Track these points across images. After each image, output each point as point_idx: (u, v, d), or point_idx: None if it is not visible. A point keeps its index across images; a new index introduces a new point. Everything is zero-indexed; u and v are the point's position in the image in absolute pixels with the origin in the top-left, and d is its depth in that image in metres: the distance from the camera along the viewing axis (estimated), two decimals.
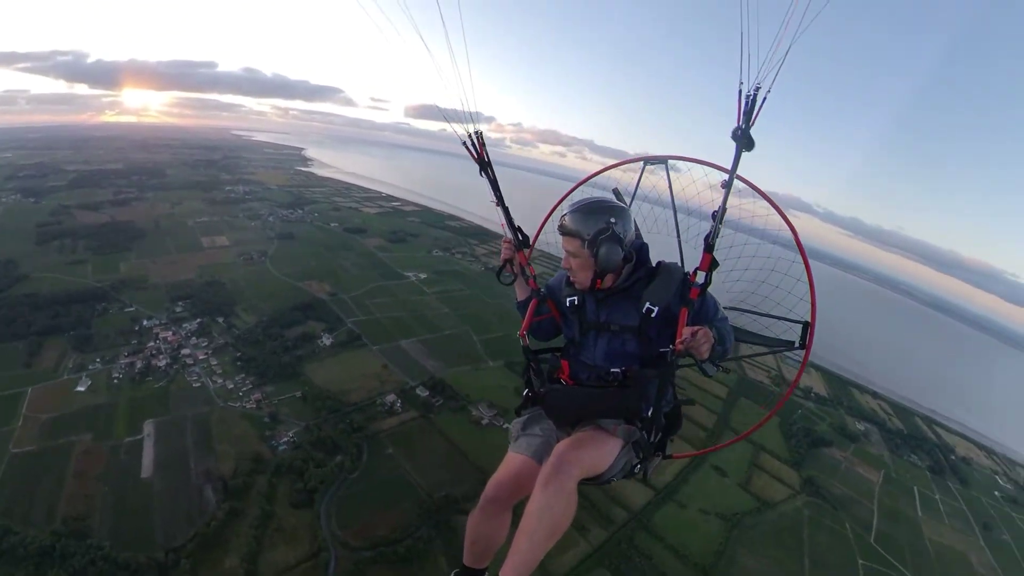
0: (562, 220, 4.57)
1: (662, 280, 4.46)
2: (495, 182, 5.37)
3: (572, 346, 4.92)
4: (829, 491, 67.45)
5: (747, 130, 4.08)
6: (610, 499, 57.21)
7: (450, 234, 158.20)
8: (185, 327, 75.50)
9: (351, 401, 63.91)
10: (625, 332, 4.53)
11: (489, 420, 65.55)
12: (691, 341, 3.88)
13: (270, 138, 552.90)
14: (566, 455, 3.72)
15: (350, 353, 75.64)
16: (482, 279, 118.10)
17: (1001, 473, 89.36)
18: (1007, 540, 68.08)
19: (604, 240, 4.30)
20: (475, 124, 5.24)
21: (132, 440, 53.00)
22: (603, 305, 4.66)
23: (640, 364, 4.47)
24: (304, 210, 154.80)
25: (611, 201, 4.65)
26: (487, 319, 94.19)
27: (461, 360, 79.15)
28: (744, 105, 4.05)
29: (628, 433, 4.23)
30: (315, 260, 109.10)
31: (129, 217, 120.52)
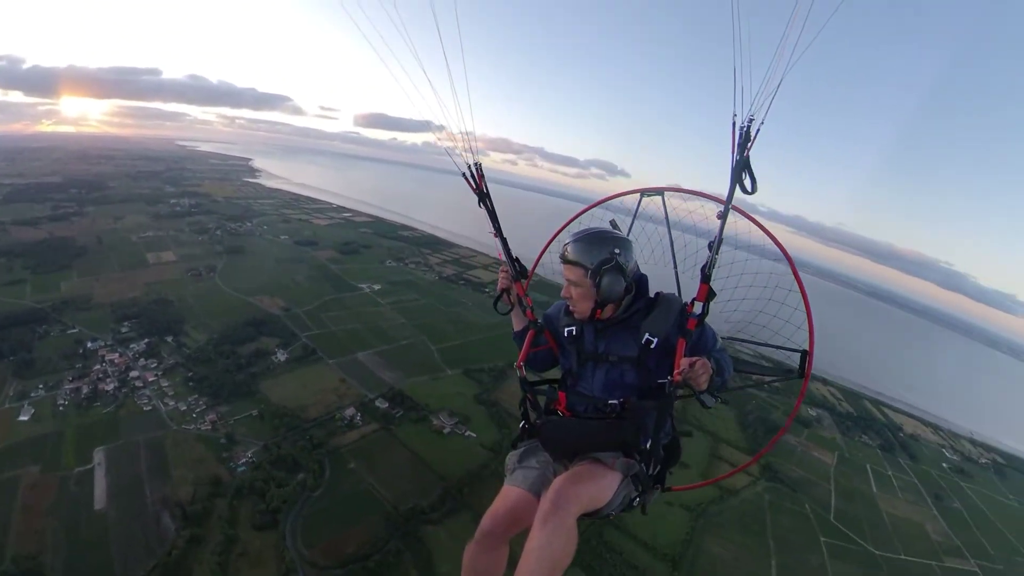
0: (564, 249, 4.54)
1: (661, 311, 4.43)
2: (494, 213, 5.28)
3: (569, 377, 4.85)
4: (787, 475, 70.21)
5: (741, 162, 4.10)
6: None
7: (403, 244, 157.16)
8: (133, 348, 72.59)
9: (310, 417, 62.69)
10: (624, 363, 4.48)
11: (451, 429, 65.40)
12: (689, 372, 3.86)
13: (216, 148, 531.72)
14: (564, 490, 3.64)
15: (306, 368, 74.23)
16: (436, 288, 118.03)
17: (947, 447, 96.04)
18: (958, 507, 72.95)
19: (608, 270, 4.28)
20: (475, 156, 5.24)
21: (82, 470, 50.69)
22: (601, 336, 4.60)
23: (638, 395, 4.42)
24: (253, 223, 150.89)
25: (614, 232, 4.68)
26: (443, 328, 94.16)
27: (419, 370, 78.62)
28: (738, 137, 4.07)
29: (627, 466, 4.18)
30: (266, 274, 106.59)
31: (69, 233, 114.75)
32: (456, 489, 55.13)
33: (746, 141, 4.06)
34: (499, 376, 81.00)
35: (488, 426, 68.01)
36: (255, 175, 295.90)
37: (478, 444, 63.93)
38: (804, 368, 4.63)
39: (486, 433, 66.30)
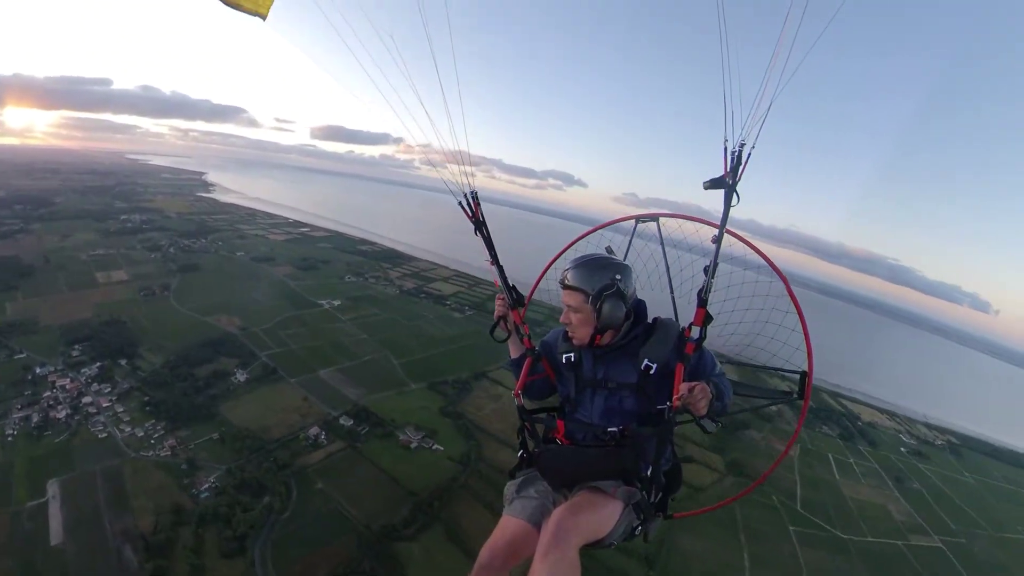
0: (564, 275, 4.51)
1: (659, 336, 4.39)
2: (490, 241, 5.22)
3: (568, 404, 4.81)
4: (753, 469, 71.42)
5: (734, 186, 4.12)
6: None
7: (362, 259, 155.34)
8: (84, 373, 69.54)
9: (273, 438, 61.12)
10: (623, 389, 4.43)
11: (418, 443, 64.71)
12: (688, 397, 3.83)
13: (168, 162, 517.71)
14: (565, 522, 3.60)
15: (267, 388, 72.46)
16: (397, 303, 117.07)
17: (904, 432, 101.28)
18: (918, 488, 77.11)
19: (608, 296, 4.25)
20: (472, 185, 5.22)
21: (36, 504, 48.13)
22: (600, 362, 4.56)
23: (637, 422, 4.37)
24: (207, 239, 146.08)
25: (614, 258, 4.67)
26: (405, 342, 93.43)
27: (383, 385, 77.78)
28: (731, 161, 4.09)
29: (628, 495, 4.14)
30: (222, 292, 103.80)
31: (13, 251, 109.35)
32: (427, 504, 54.49)
33: (738, 165, 4.08)
34: (464, 388, 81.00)
35: (455, 439, 67.63)
36: (209, 189, 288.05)
37: (446, 457, 63.42)
38: (803, 390, 4.60)
39: (453, 446, 65.87)
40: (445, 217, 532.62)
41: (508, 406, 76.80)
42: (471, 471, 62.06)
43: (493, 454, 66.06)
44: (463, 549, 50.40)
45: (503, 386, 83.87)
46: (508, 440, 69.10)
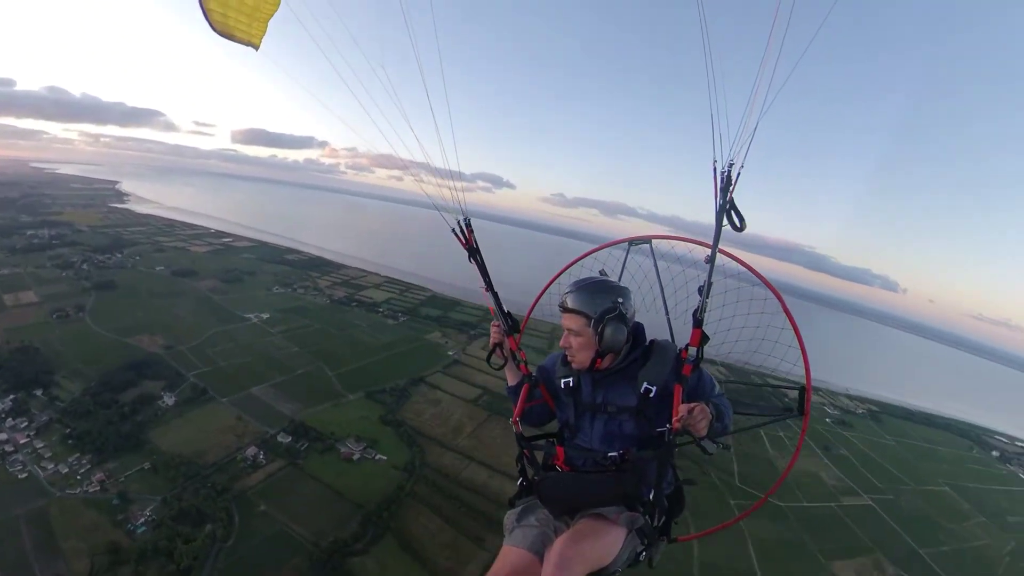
0: (564, 298, 4.48)
1: (657, 359, 4.36)
2: (484, 268, 5.17)
3: (567, 430, 4.77)
4: (688, 452, 74.05)
5: (724, 205, 4.12)
6: (496, 504, 58.24)
7: (289, 268, 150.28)
8: None
9: (209, 462, 58.30)
10: (623, 413, 4.40)
11: (360, 454, 63.67)
12: (688, 418, 3.82)
13: (78, 170, 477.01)
14: (567, 551, 3.56)
15: (198, 410, 68.92)
16: (328, 312, 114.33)
17: (828, 404, 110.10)
18: (845, 454, 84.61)
19: (611, 320, 4.23)
20: (464, 212, 5.18)
21: None
22: (599, 386, 4.52)
23: (638, 446, 4.35)
24: (124, 254, 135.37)
25: (614, 281, 4.65)
26: (339, 353, 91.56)
27: (319, 398, 76.03)
28: (720, 182, 4.11)
29: (631, 520, 4.10)
30: (143, 311, 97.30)
31: None
32: (376, 515, 53.85)
33: (728, 185, 4.10)
34: (402, 395, 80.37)
35: (398, 447, 66.96)
36: (123, 200, 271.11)
37: (390, 466, 62.78)
38: (803, 405, 4.62)
39: (397, 454, 65.22)
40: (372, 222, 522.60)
41: (448, 410, 77.03)
42: (417, 478, 61.65)
43: (437, 459, 65.89)
44: (417, 558, 50.23)
45: (441, 391, 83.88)
46: (450, 444, 69.23)
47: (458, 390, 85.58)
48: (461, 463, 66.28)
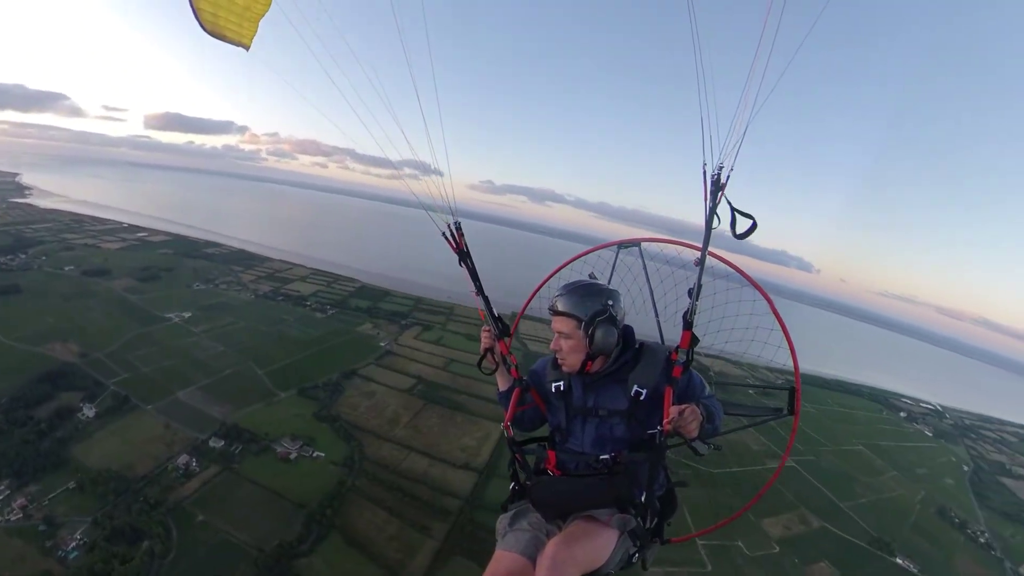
0: (554, 301, 4.47)
1: (647, 361, 4.38)
2: (475, 272, 5.17)
3: (558, 434, 4.73)
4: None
5: (714, 208, 4.12)
6: (439, 492, 58.69)
7: (210, 263, 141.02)
8: None
9: (139, 475, 55.41)
10: (614, 416, 4.38)
11: (297, 453, 62.49)
12: (679, 420, 3.82)
13: None
14: (559, 554, 3.55)
15: (123, 420, 64.91)
16: (253, 308, 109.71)
17: (749, 377, 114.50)
18: None
19: (601, 322, 4.24)
20: (454, 215, 5.20)
21: None
22: (590, 390, 4.51)
23: (629, 448, 4.33)
24: (28, 254, 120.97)
25: (604, 284, 4.69)
26: (268, 349, 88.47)
27: (250, 398, 73.41)
28: (710, 185, 4.11)
29: (623, 522, 4.10)
30: (53, 316, 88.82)
31: None
32: (319, 514, 53.29)
33: (717, 188, 4.09)
34: (335, 389, 78.98)
35: (335, 442, 66.08)
36: (25, 194, 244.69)
37: (329, 463, 62.02)
38: (793, 405, 4.67)
39: (334, 450, 64.42)
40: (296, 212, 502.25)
41: (384, 402, 76.37)
42: (357, 472, 61.21)
43: (376, 451, 65.48)
44: (365, 553, 50.17)
45: (375, 382, 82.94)
46: (388, 435, 68.86)
47: (392, 381, 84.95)
48: (400, 454, 66.15)
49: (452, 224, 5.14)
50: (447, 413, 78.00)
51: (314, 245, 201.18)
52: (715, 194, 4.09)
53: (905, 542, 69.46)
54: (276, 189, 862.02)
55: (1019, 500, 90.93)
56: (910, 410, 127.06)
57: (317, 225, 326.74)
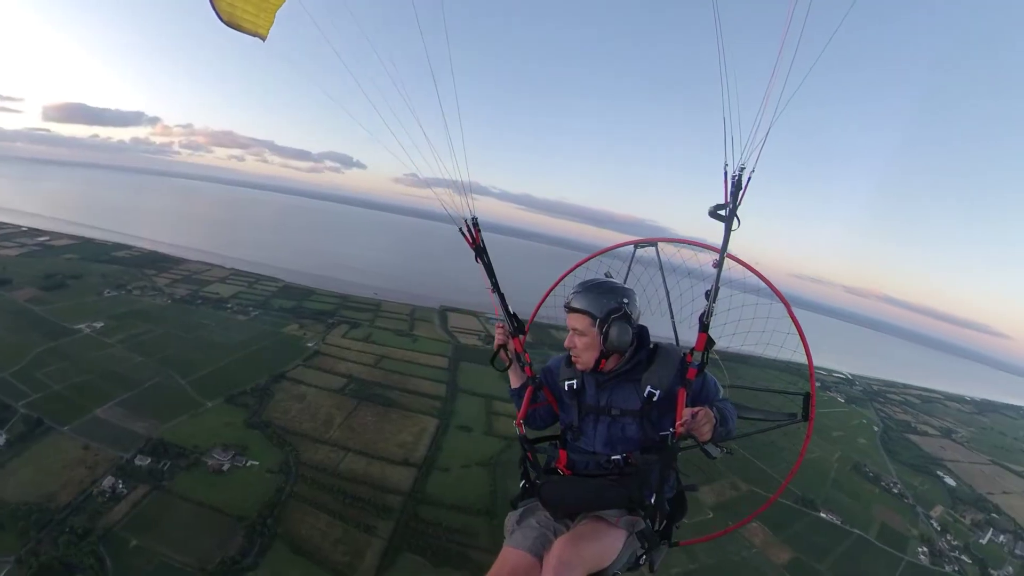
0: (570, 298, 4.49)
1: (661, 362, 4.36)
2: (491, 268, 5.17)
3: (570, 432, 4.71)
4: None
5: (735, 210, 4.08)
6: (380, 490, 59.00)
7: (121, 267, 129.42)
8: None
9: (61, 504, 51.71)
10: (626, 416, 4.37)
11: (230, 464, 60.44)
12: (692, 422, 3.80)
13: None
14: (567, 553, 3.59)
15: (37, 446, 60.06)
16: (171, 313, 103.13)
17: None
18: None
19: (616, 320, 4.24)
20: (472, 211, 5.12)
21: None
22: (603, 389, 4.50)
23: (640, 450, 4.30)
24: None
25: (619, 283, 4.70)
26: (190, 357, 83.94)
27: (175, 410, 69.54)
28: (730, 186, 4.05)
29: (631, 524, 4.12)
30: None
31: None
32: (260, 524, 51.91)
33: (737, 189, 4.04)
34: (264, 394, 76.43)
35: (268, 448, 64.34)
36: None
37: (265, 471, 60.29)
38: (807, 411, 4.57)
39: (269, 456, 62.76)
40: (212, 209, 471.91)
41: (315, 403, 75.11)
42: (295, 477, 59.91)
43: (312, 455, 64.29)
44: (312, 559, 49.64)
45: (305, 384, 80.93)
46: (323, 437, 67.80)
47: (322, 381, 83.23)
48: (337, 455, 65.29)
49: (469, 221, 5.09)
50: (381, 411, 77.28)
51: (233, 244, 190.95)
52: (735, 195, 4.05)
53: (827, 497, 75.13)
54: (190, 185, 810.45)
55: (925, 453, 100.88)
56: (823, 380, 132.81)
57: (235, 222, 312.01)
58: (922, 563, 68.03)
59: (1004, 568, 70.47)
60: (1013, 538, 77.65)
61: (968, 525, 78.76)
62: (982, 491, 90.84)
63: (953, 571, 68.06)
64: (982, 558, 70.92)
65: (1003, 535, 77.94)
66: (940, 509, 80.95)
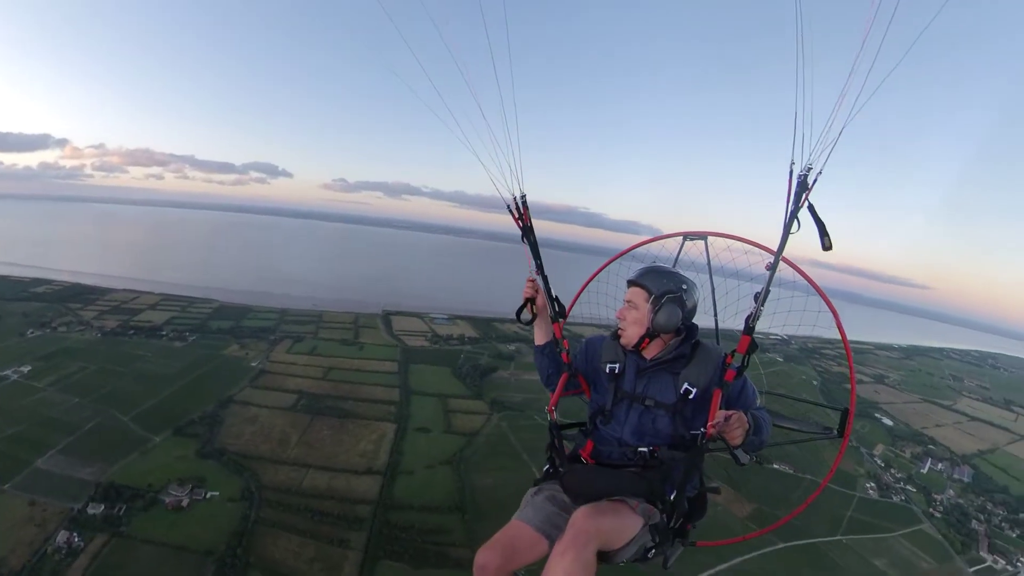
0: (634, 275, 4.55)
1: (700, 360, 4.29)
2: (536, 248, 4.98)
3: (600, 416, 4.64)
4: (512, 402, 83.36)
5: (796, 212, 3.84)
6: (348, 502, 59.17)
7: (42, 304, 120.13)
8: None
9: (15, 568, 48.61)
10: (659, 408, 4.31)
11: (189, 499, 58.28)
12: (724, 425, 3.70)
13: None
14: (586, 522, 3.55)
15: None
16: (103, 348, 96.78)
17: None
18: None
19: (670, 300, 4.27)
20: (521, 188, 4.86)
21: None
22: (642, 377, 4.46)
23: (668, 445, 4.26)
24: None
25: (684, 274, 4.64)
26: (129, 392, 79.77)
27: (122, 451, 66.12)
28: (795, 186, 3.80)
29: (648, 514, 4.06)
30: None
31: None
32: (230, 556, 50.52)
33: (802, 190, 3.79)
34: (214, 421, 73.94)
35: (227, 477, 62.52)
36: None
37: (226, 501, 58.55)
38: (844, 427, 4.43)
39: (228, 485, 61.01)
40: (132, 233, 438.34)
41: (269, 424, 73.76)
42: (259, 502, 58.52)
43: (273, 477, 62.93)
44: None
45: (255, 406, 78.63)
46: (281, 458, 66.49)
47: (273, 400, 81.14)
48: (299, 473, 64.19)
49: (518, 198, 4.87)
50: (337, 423, 76.35)
51: (160, 267, 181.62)
52: (799, 196, 3.81)
53: (777, 450, 79.07)
54: (107, 209, 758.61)
55: (862, 399, 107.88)
56: (761, 342, 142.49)
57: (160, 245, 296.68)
58: (872, 497, 74.09)
59: (945, 492, 78.40)
60: (950, 465, 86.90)
61: (908, 458, 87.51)
62: (917, 427, 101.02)
63: (900, 500, 74.84)
64: (924, 486, 78.71)
65: (940, 463, 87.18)
66: (882, 447, 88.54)
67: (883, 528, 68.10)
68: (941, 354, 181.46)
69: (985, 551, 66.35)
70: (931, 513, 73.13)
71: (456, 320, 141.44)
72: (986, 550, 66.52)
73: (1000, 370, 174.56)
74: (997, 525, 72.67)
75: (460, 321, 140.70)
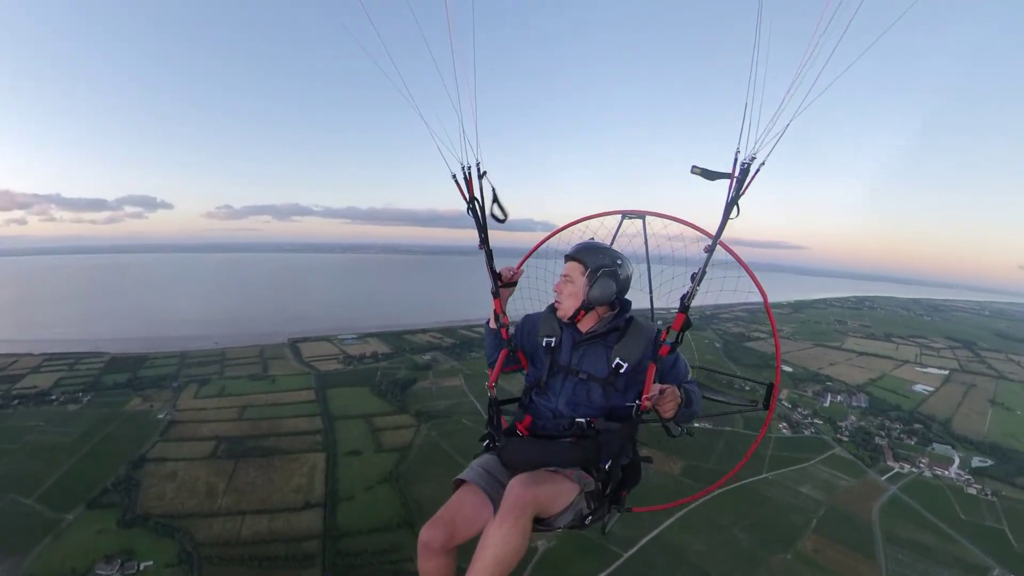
0: (571, 250, 4.67)
1: (633, 335, 4.39)
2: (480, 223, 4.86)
3: (536, 389, 4.74)
4: (436, 410, 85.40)
5: (736, 199, 3.98)
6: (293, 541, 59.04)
7: None
8: None
9: None
10: (592, 381, 4.42)
11: (121, 575, 55.87)
12: (658, 398, 3.87)
13: None
14: (521, 492, 3.63)
15: None
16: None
17: None
18: None
19: (604, 274, 4.42)
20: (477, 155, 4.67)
21: None
22: (577, 349, 4.56)
23: (604, 416, 4.39)
24: None
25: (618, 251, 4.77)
26: (27, 470, 72.80)
27: (32, 538, 60.62)
28: (738, 172, 3.93)
29: (584, 480, 4.14)
30: None
31: None
32: None
33: (743, 178, 3.93)
34: (130, 485, 69.07)
35: (157, 543, 59.46)
36: None
37: (162, 568, 55.86)
38: (768, 400, 4.61)
39: (161, 551, 58.09)
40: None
41: (191, 477, 72.14)
42: (199, 562, 56.47)
43: (207, 532, 60.01)
44: None
45: (171, 461, 73.97)
46: (213, 510, 64.23)
47: (190, 451, 77.10)
48: (235, 523, 62.05)
49: (466, 167, 4.68)
50: (263, 462, 74.12)
51: (35, 324, 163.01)
52: (741, 184, 3.95)
53: None
54: None
55: (761, 353, 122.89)
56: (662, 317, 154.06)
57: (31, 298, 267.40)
58: (786, 435, 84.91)
59: (848, 419, 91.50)
60: (847, 395, 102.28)
61: (811, 396, 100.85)
62: (814, 368, 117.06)
63: (811, 433, 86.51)
64: (829, 417, 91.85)
65: (839, 395, 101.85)
66: (786, 391, 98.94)
67: (801, 460, 77.28)
68: (824, 304, 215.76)
69: (891, 461, 77.87)
70: (839, 439, 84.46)
71: (366, 338, 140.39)
72: (892, 460, 78.05)
73: (876, 310, 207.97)
74: (897, 437, 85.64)
75: (370, 339, 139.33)
